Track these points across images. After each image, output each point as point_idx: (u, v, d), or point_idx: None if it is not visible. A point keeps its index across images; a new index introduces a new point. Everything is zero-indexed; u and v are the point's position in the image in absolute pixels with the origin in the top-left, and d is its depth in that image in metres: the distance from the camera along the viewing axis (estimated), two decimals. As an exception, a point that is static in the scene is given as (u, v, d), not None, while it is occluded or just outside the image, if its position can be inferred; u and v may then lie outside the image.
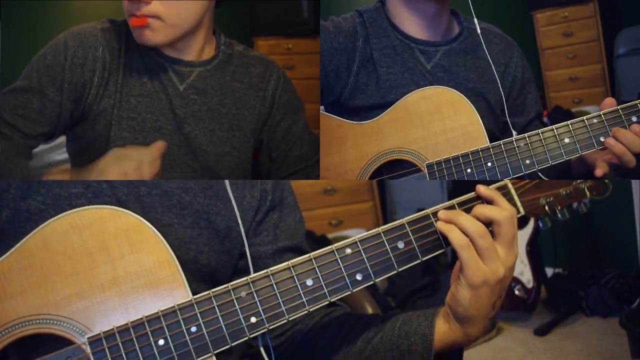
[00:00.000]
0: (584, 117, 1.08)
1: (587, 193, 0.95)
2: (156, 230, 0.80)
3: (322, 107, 1.37)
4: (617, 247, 2.68)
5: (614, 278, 2.46)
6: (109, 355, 0.74)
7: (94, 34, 1.17)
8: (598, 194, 0.95)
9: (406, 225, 0.85)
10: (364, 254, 0.82)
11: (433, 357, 0.85)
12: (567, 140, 1.08)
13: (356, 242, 0.83)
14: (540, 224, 0.96)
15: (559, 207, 0.95)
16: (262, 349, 0.85)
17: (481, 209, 0.86)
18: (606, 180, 0.96)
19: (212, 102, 1.22)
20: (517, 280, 2.53)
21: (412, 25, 1.30)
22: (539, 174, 1.10)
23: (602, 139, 1.07)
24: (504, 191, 0.91)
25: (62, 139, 1.30)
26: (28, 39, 2.59)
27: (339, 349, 0.93)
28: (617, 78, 3.13)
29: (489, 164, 1.12)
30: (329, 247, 0.81)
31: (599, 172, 1.09)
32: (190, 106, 1.20)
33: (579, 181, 0.96)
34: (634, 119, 1.06)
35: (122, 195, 0.92)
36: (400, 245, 0.84)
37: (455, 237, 0.83)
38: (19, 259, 0.77)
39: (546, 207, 0.95)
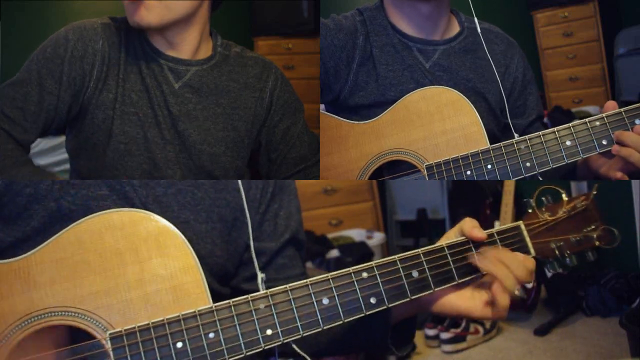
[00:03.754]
0: (587, 120, 1.07)
1: (596, 242, 0.96)
2: (184, 238, 0.83)
3: (322, 107, 1.37)
4: (617, 247, 2.67)
5: (614, 278, 2.45)
6: (128, 352, 0.76)
7: (94, 27, 1.18)
8: (607, 243, 0.97)
9: (421, 255, 0.88)
10: (379, 279, 0.85)
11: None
12: (568, 143, 1.08)
13: (373, 267, 0.85)
14: (549, 268, 0.97)
15: (568, 252, 0.96)
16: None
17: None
18: (615, 231, 0.97)
19: (207, 101, 1.22)
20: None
21: (407, 24, 1.30)
22: (539, 177, 1.10)
23: (604, 142, 1.06)
24: (516, 232, 0.94)
25: (63, 138, 1.30)
26: (28, 38, 2.59)
27: None
28: (617, 78, 3.13)
29: (489, 166, 1.12)
30: (347, 269, 0.85)
31: (618, 175, 1.08)
32: (185, 104, 1.21)
33: (589, 229, 0.97)
34: (637, 121, 1.05)
35: (142, 197, 0.95)
36: (415, 274, 0.86)
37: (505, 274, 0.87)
38: (52, 252, 0.81)
39: (556, 251, 0.95)
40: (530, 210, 0.97)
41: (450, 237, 0.92)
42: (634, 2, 3.25)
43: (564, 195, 0.98)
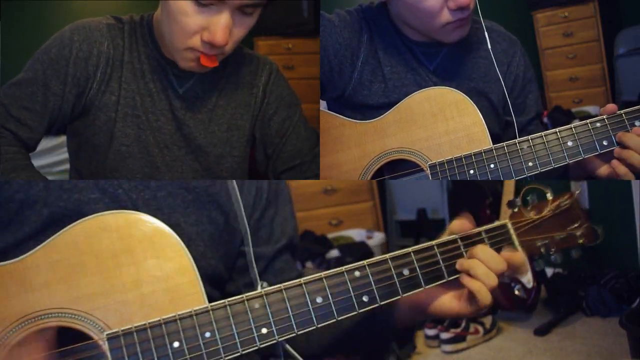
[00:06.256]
0: (588, 121, 1.08)
1: (579, 240, 0.98)
2: (179, 239, 0.83)
3: (324, 104, 1.37)
4: (617, 247, 2.68)
5: (614, 278, 2.45)
6: (125, 353, 0.76)
7: (99, 28, 1.17)
8: (589, 242, 0.99)
9: (412, 254, 0.88)
10: (371, 278, 0.86)
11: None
12: (570, 144, 1.09)
13: (365, 266, 0.86)
14: (535, 266, 0.98)
15: (553, 250, 0.98)
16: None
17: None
18: (598, 229, 0.99)
19: (209, 104, 1.22)
20: (517, 280, 2.53)
21: (413, 32, 1.29)
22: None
23: (605, 143, 1.07)
24: (503, 230, 0.95)
25: (63, 138, 1.30)
26: (28, 39, 2.58)
27: None
28: (617, 78, 3.13)
29: (492, 166, 1.12)
30: (340, 268, 0.85)
31: (622, 171, 1.08)
32: (189, 108, 1.20)
33: (573, 227, 0.99)
34: (637, 123, 1.06)
35: (133, 200, 0.94)
36: (406, 272, 0.87)
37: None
38: (47, 254, 0.80)
39: (542, 249, 0.97)
40: (516, 210, 0.98)
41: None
42: (634, 2, 3.25)
43: (548, 195, 1.00)
